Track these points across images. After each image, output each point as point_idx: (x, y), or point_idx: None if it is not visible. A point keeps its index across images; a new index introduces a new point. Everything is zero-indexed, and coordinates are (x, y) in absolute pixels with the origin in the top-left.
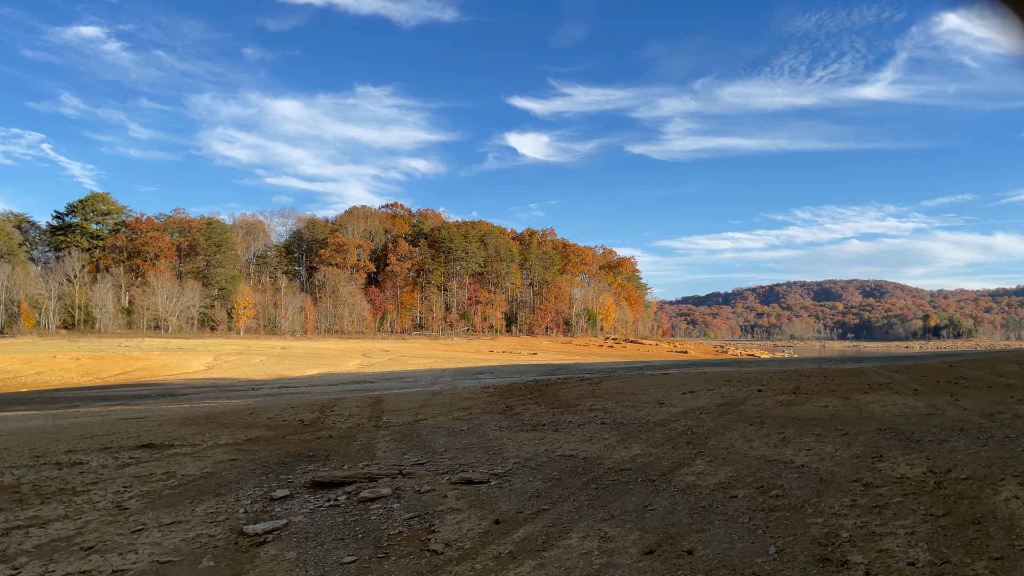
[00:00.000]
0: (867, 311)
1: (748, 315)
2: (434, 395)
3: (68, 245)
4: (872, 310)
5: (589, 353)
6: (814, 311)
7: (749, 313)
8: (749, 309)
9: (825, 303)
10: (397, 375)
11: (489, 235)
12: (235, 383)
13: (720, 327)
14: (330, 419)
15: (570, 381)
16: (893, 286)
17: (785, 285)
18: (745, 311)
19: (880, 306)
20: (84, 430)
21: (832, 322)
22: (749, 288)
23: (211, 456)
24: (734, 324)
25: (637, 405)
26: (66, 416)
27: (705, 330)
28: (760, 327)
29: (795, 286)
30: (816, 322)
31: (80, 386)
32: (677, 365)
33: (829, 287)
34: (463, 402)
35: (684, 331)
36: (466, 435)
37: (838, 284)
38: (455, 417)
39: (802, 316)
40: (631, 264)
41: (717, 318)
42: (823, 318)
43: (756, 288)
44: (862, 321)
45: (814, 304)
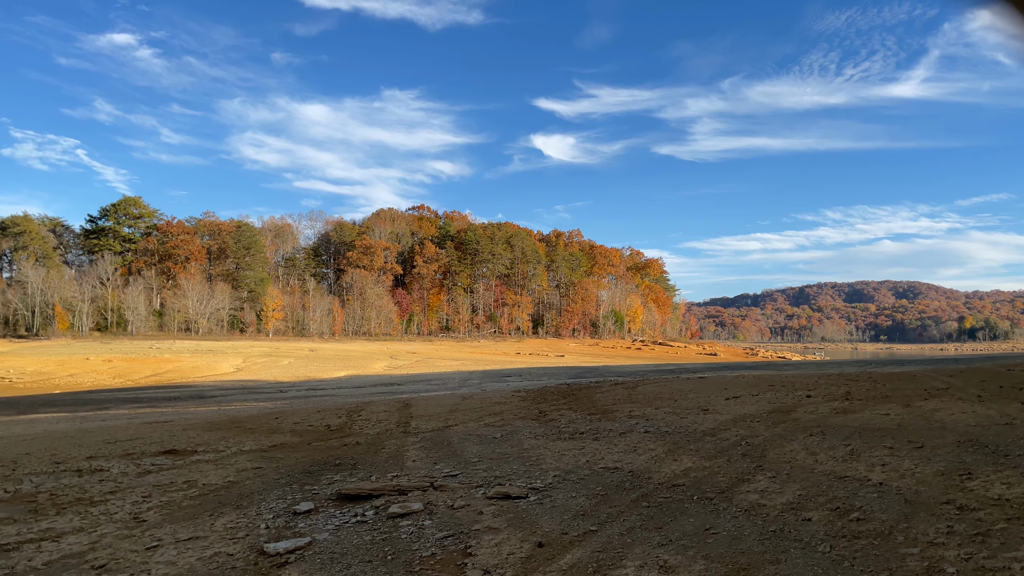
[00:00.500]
0: (900, 313)
1: (778, 317)
2: (464, 399)
3: (101, 248)
4: (905, 312)
5: (617, 355)
6: (845, 313)
7: (779, 315)
8: (779, 311)
9: (857, 304)
10: (424, 377)
11: (515, 237)
12: (263, 385)
13: (749, 329)
14: (357, 424)
15: (604, 385)
16: (927, 287)
17: (816, 286)
18: (775, 313)
19: (913, 308)
20: (108, 435)
21: (864, 324)
22: (779, 289)
23: (234, 464)
24: (763, 326)
25: (680, 412)
26: (93, 419)
27: (734, 332)
28: (790, 329)
29: (826, 287)
30: (847, 324)
31: (112, 388)
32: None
33: (861, 288)
34: (494, 407)
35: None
36: (500, 443)
37: (870, 285)
38: (487, 423)
39: (833, 318)
40: (659, 265)
41: (746, 320)
42: (855, 320)
43: (786, 290)
44: (895, 323)
45: (845, 306)
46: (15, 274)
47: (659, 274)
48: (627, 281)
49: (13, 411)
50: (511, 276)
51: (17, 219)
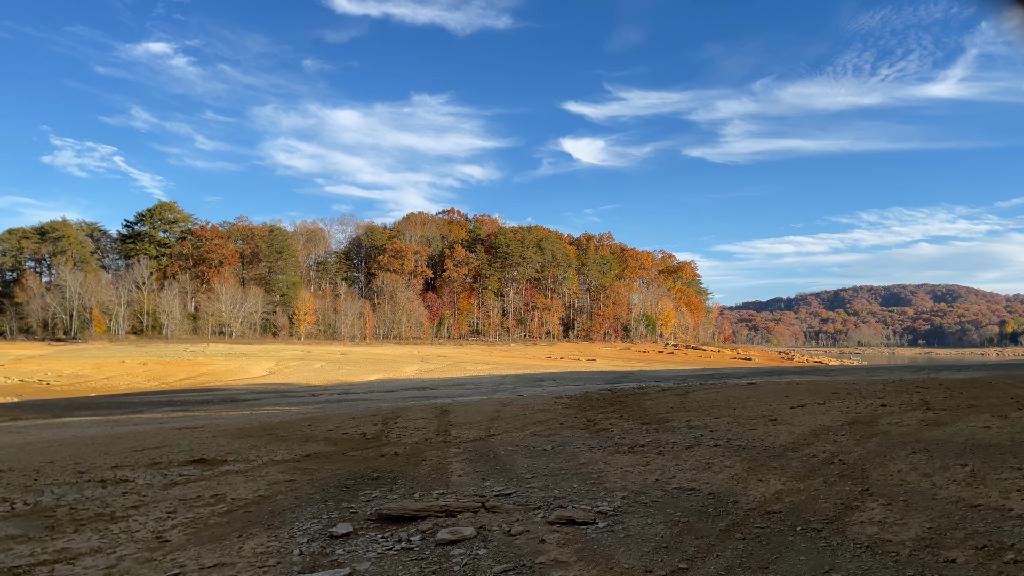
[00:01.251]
0: (938, 316)
1: (812, 321)
2: (504, 406)
3: (137, 253)
4: (944, 315)
5: (649, 359)
6: (882, 317)
7: (813, 319)
8: (813, 315)
9: (894, 308)
10: (457, 381)
11: (546, 240)
12: (295, 389)
13: (783, 333)
14: (394, 432)
15: (650, 391)
16: (966, 290)
17: (851, 290)
18: (809, 317)
19: (952, 311)
20: (136, 441)
21: (901, 328)
22: (813, 293)
23: (265, 475)
24: (797, 330)
25: (744, 422)
26: (125, 423)
27: (767, 336)
28: (825, 333)
29: (861, 291)
30: (884, 328)
31: (146, 391)
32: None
33: (898, 292)
34: (538, 414)
35: (746, 337)
36: (552, 456)
37: (907, 289)
38: (532, 432)
39: (869, 322)
40: (691, 269)
41: (780, 324)
42: (891, 324)
43: (820, 293)
44: (933, 327)
45: (882, 309)
46: (54, 278)
47: (691, 277)
48: (659, 284)
49: (48, 414)
50: (541, 279)
51: (56, 224)
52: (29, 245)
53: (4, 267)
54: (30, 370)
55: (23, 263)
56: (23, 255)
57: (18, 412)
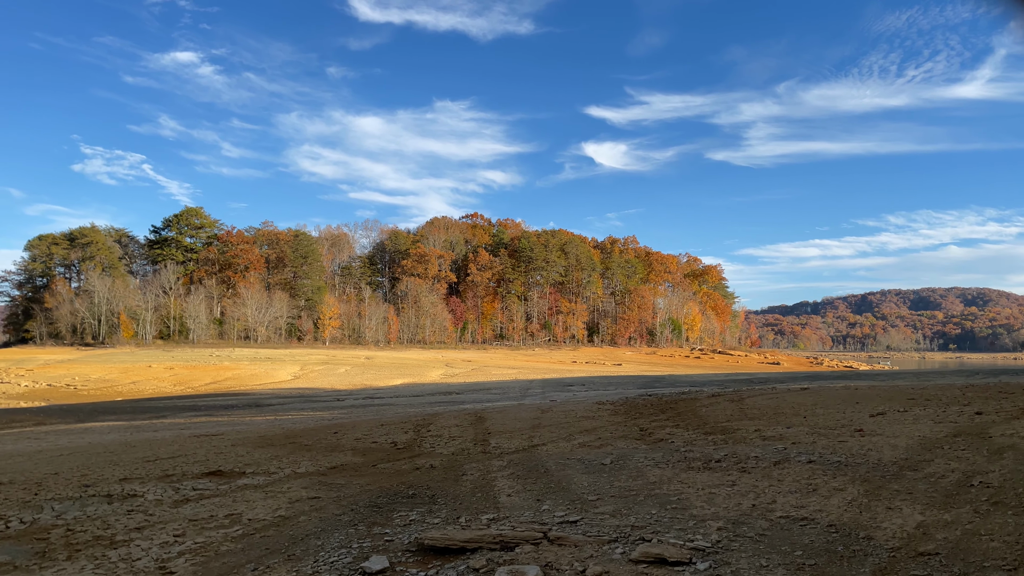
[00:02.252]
0: (969, 320)
1: (839, 325)
2: (543, 412)
3: (164, 258)
4: (975, 319)
5: (676, 364)
6: (911, 321)
7: (840, 323)
8: (840, 319)
9: (923, 312)
10: (483, 386)
11: (570, 244)
12: (320, 393)
13: (809, 338)
14: (427, 441)
15: (699, 397)
16: (997, 294)
17: (879, 294)
18: (836, 321)
19: (984, 315)
20: (150, 450)
21: (931, 332)
22: (840, 297)
23: (287, 491)
24: (824, 334)
25: (824, 432)
26: (146, 429)
27: (794, 341)
28: (852, 337)
29: (889, 294)
30: (913, 332)
31: (171, 395)
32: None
33: (927, 295)
34: (583, 422)
35: (772, 342)
36: (614, 473)
37: (936, 292)
38: (581, 443)
39: (898, 326)
40: (717, 272)
41: (806, 328)
42: (921, 328)
43: (847, 297)
44: (964, 331)
45: (911, 313)
46: (83, 284)
47: (717, 281)
48: (684, 288)
49: (72, 419)
50: (565, 284)
51: (85, 230)
52: (59, 251)
53: (34, 273)
54: (58, 375)
55: (53, 269)
56: (53, 261)
57: (43, 417)
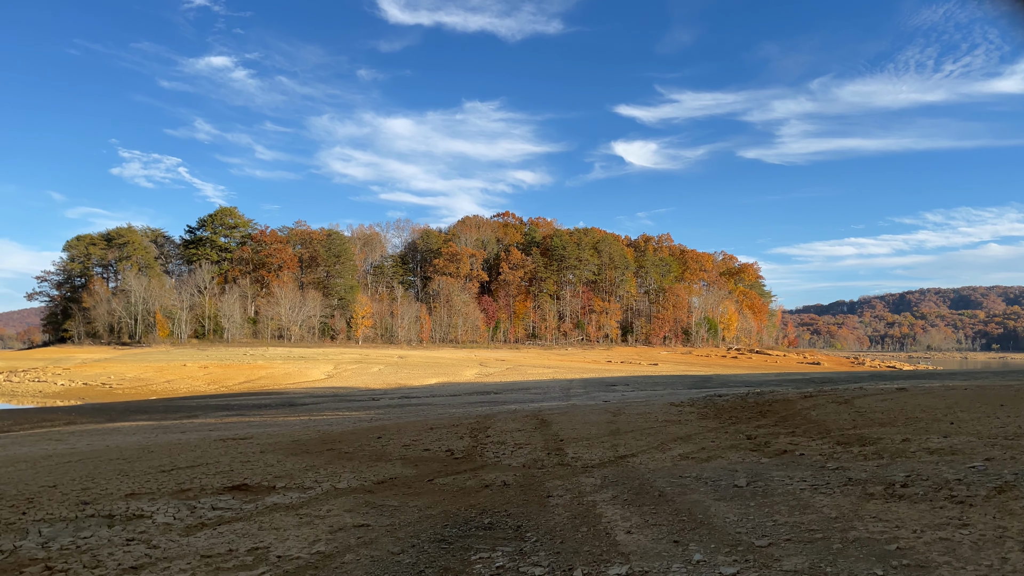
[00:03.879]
0: (1012, 320)
1: (877, 324)
2: (615, 415)
3: (199, 258)
4: (1018, 319)
5: (712, 364)
6: (951, 320)
7: (878, 322)
8: (878, 318)
9: (963, 311)
10: (521, 385)
11: (603, 242)
12: (355, 392)
13: (846, 337)
14: (489, 450)
15: (792, 398)
16: None
17: (917, 293)
18: (874, 320)
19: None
20: (169, 456)
21: (972, 332)
22: (877, 296)
23: (326, 515)
24: (861, 334)
25: (1003, 443)
26: (172, 430)
27: (830, 341)
28: (891, 337)
29: (929, 293)
30: (954, 332)
31: (205, 394)
32: (863, 377)
33: (967, 294)
34: (669, 427)
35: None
36: (761, 500)
37: (977, 291)
38: (683, 454)
39: (938, 325)
40: (753, 270)
41: (843, 328)
42: (962, 327)
43: (885, 296)
44: (1007, 330)
45: (951, 313)
46: (119, 283)
47: (754, 279)
48: (720, 287)
49: (103, 418)
50: (598, 282)
51: (122, 231)
52: (96, 251)
53: (73, 273)
54: (94, 373)
55: (91, 269)
56: (91, 261)
57: (75, 416)
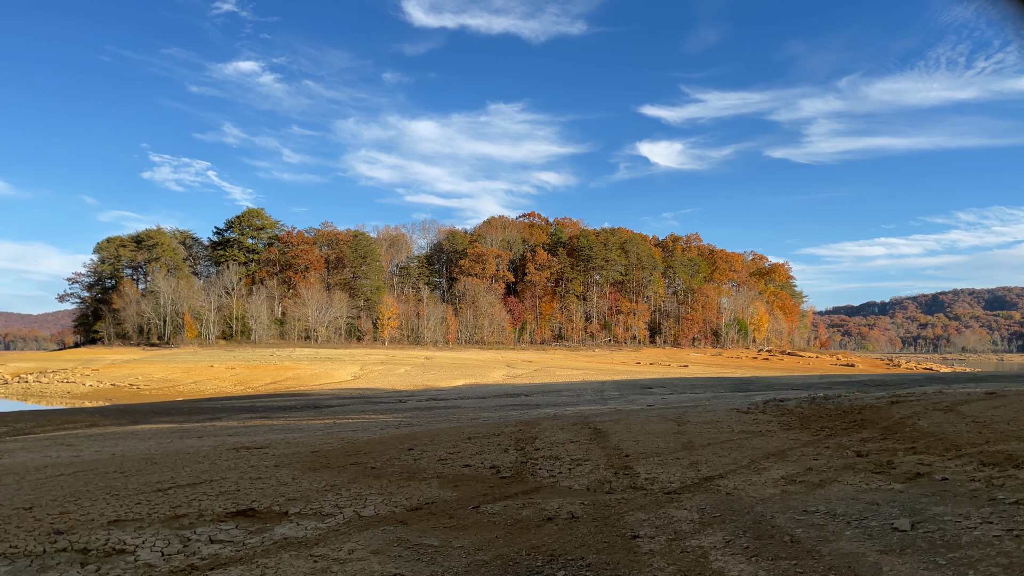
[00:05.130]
0: None
1: (909, 326)
2: (680, 424)
3: (227, 259)
4: None
5: (744, 365)
6: (986, 321)
7: (910, 324)
8: (910, 319)
9: (999, 312)
10: (552, 387)
11: (630, 242)
12: (381, 394)
13: (878, 339)
14: (541, 466)
15: (874, 402)
16: None
17: (951, 293)
18: (906, 321)
19: None
20: (172, 470)
21: (1008, 333)
22: (909, 297)
23: (348, 559)
24: (893, 336)
25: None
26: (189, 435)
27: (861, 342)
28: (924, 339)
29: (962, 294)
30: (989, 333)
31: (231, 395)
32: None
33: (1003, 295)
34: (753, 440)
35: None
36: (957, 556)
37: (1013, 292)
38: (785, 476)
39: (972, 327)
40: (784, 271)
41: (874, 329)
42: (997, 329)
43: (917, 297)
44: None
45: (985, 314)
46: (149, 285)
47: (785, 280)
48: (750, 287)
49: (126, 420)
50: (626, 283)
51: (151, 232)
52: (126, 253)
53: (103, 275)
54: (123, 374)
55: (121, 271)
56: (120, 263)
57: (98, 418)
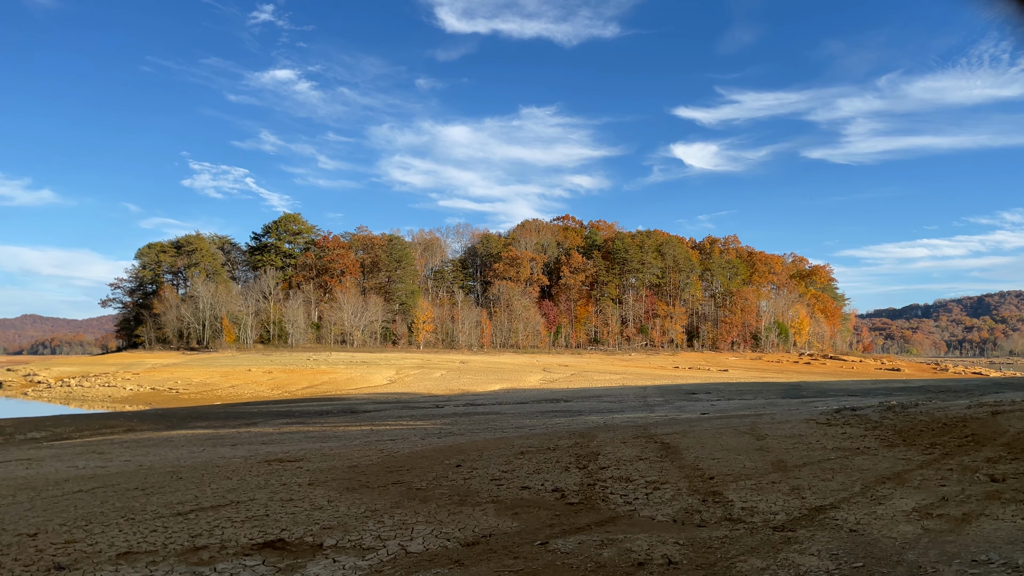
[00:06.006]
0: None
1: (954, 329)
2: (759, 438)
3: (264, 264)
4: None
5: (785, 370)
6: None
7: (955, 327)
8: (955, 322)
9: None
10: (592, 393)
11: (666, 244)
12: (417, 399)
13: (922, 342)
14: (613, 490)
15: (976, 413)
16: None
17: (997, 296)
18: (950, 325)
19: None
20: (197, 488)
21: None
22: (953, 299)
23: None
24: (938, 339)
25: None
26: (223, 442)
27: (904, 346)
28: (969, 342)
29: (1009, 296)
30: None
31: (267, 400)
32: (985, 386)
33: None
34: (853, 459)
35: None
36: None
37: None
38: (919, 508)
39: (1020, 330)
40: (826, 272)
41: (917, 332)
42: None
43: (962, 299)
44: None
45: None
46: (188, 290)
47: (826, 282)
48: (790, 290)
49: (163, 425)
50: (662, 286)
51: (191, 238)
52: (166, 258)
53: (144, 280)
54: (162, 378)
55: (161, 276)
56: (161, 268)
57: (136, 423)
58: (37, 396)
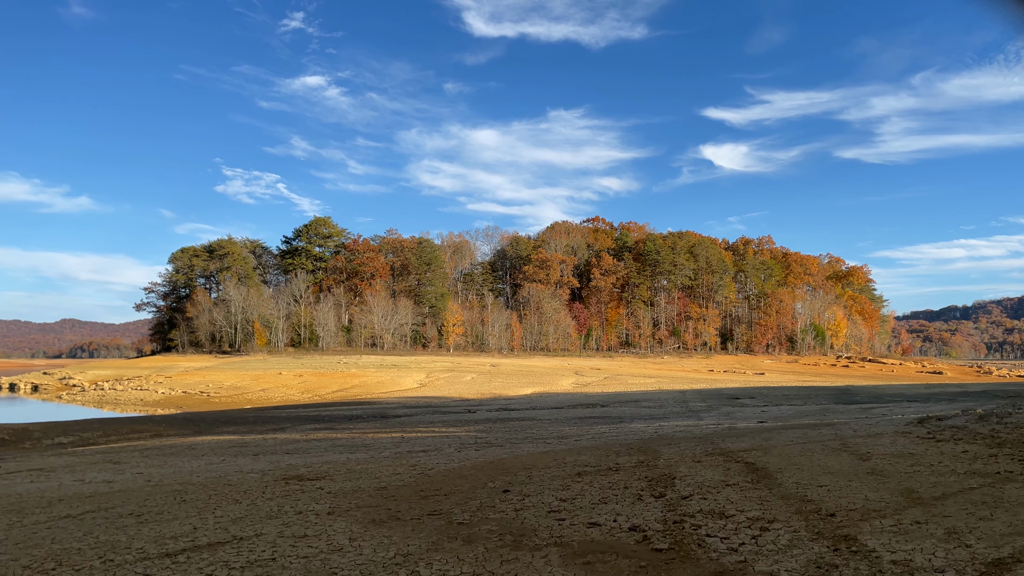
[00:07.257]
0: None
1: (995, 331)
2: (862, 459)
3: (295, 267)
4: None
5: (822, 373)
6: None
7: (995, 329)
8: (995, 324)
9: None
10: (628, 397)
11: (699, 246)
12: (448, 403)
13: (961, 344)
14: (708, 530)
15: None
16: None
17: None
18: (990, 327)
19: None
20: (199, 515)
21: None
22: (993, 301)
23: None
24: (977, 341)
25: None
26: (246, 450)
27: (943, 348)
28: (1011, 344)
29: None
30: None
31: (297, 403)
32: None
33: None
34: (999, 487)
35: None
36: None
37: None
38: None
39: None
40: (863, 273)
41: (956, 334)
42: None
43: (1002, 300)
44: None
45: None
46: (220, 293)
47: (863, 283)
48: (826, 291)
49: (191, 430)
50: (695, 288)
51: (223, 242)
52: (199, 263)
53: (178, 284)
54: (194, 382)
55: (194, 280)
56: (194, 272)
57: (164, 427)
58: (71, 399)
